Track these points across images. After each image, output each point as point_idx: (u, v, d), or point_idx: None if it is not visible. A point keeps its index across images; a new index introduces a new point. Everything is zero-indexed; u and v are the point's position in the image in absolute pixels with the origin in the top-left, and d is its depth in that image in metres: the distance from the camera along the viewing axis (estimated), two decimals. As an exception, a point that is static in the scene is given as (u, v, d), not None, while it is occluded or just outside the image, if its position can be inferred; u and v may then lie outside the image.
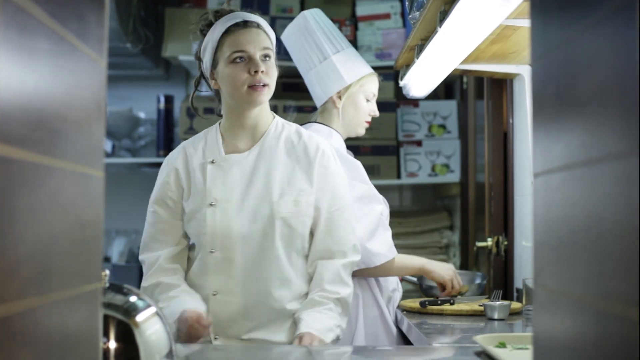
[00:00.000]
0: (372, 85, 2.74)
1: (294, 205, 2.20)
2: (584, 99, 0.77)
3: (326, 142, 2.33)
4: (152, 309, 1.28)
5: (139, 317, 1.25)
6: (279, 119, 2.34)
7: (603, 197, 0.73)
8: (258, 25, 2.25)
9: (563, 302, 0.85)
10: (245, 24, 2.23)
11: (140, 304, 1.28)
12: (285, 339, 2.18)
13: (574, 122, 0.80)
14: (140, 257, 2.28)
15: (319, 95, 2.77)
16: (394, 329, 2.65)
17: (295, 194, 2.21)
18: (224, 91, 2.26)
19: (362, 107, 2.73)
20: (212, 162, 2.26)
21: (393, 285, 2.73)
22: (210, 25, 2.28)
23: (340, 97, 2.71)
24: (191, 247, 2.30)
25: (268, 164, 2.24)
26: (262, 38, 2.24)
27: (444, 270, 2.71)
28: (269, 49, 2.24)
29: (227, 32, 2.23)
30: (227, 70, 2.22)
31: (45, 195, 0.77)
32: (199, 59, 2.34)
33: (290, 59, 2.86)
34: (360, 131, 2.76)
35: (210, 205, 2.21)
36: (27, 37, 0.72)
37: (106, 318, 1.21)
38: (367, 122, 2.76)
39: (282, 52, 2.81)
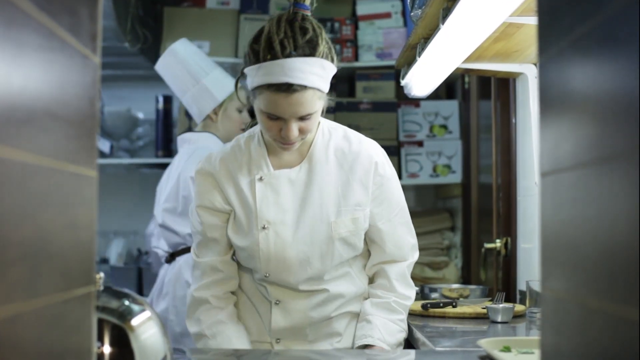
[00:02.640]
0: (241, 97, 2.91)
1: (352, 224, 2.07)
2: (594, 96, 0.75)
3: (375, 143, 2.18)
4: (148, 313, 1.26)
5: (135, 321, 1.23)
6: (324, 124, 2.13)
7: (615, 196, 0.70)
8: (305, 87, 1.92)
9: (571, 306, 0.82)
10: (289, 87, 1.91)
11: (135, 307, 1.25)
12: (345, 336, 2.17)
13: (584, 120, 0.78)
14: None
15: (197, 114, 3.26)
16: None
17: (352, 211, 2.07)
18: None
19: (235, 119, 3.24)
20: (261, 179, 2.08)
21: None
22: (255, 53, 1.96)
23: (216, 114, 3.22)
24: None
25: (321, 180, 2.07)
26: (305, 102, 1.94)
27: None
28: (311, 113, 1.97)
29: (266, 86, 1.94)
30: (261, 117, 2.00)
31: (35, 196, 0.75)
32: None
33: None
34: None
35: (263, 228, 2.06)
36: (15, 31, 0.70)
37: (100, 322, 1.19)
38: (241, 129, 3.11)
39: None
